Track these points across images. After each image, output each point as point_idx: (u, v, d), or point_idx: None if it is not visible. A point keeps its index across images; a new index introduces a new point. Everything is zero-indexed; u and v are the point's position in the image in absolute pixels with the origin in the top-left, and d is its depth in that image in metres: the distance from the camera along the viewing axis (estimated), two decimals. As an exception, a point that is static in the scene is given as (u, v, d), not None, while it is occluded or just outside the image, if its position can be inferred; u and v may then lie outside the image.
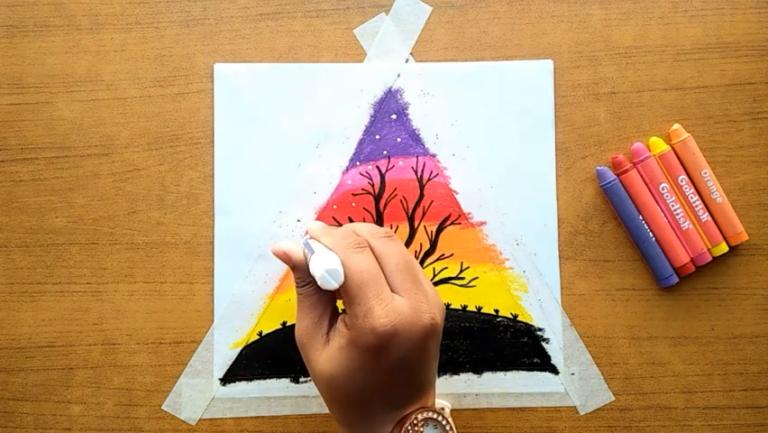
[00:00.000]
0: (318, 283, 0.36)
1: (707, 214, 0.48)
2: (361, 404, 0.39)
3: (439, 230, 0.49)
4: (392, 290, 0.38)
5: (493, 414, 0.48)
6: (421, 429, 0.38)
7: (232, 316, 0.48)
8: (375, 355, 0.37)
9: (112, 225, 0.48)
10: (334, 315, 0.41)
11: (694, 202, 0.48)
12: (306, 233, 0.42)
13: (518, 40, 0.49)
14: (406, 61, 0.49)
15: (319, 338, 0.39)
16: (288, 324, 0.48)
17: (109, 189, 0.49)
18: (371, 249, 0.39)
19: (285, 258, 0.40)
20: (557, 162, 0.49)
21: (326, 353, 0.39)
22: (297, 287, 0.41)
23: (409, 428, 0.38)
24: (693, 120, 0.49)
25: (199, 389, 0.48)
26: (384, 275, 0.38)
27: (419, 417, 0.39)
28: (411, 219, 0.49)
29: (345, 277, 0.37)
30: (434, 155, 0.49)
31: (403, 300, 0.38)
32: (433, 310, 0.38)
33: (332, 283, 0.36)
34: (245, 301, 0.48)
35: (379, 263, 0.38)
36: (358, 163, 0.49)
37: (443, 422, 0.39)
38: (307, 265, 0.39)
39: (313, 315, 0.40)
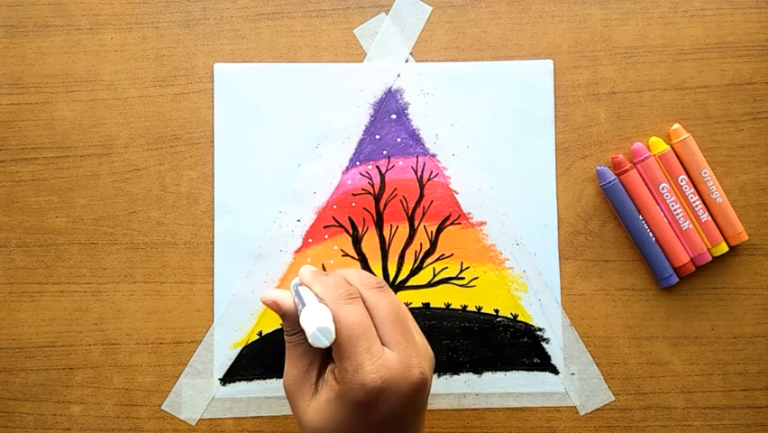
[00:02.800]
0: (309, 341, 0.36)
1: (707, 214, 0.48)
2: None
3: (439, 230, 0.49)
4: (382, 343, 0.38)
5: (493, 414, 0.48)
6: None
7: (232, 316, 0.48)
8: (364, 410, 0.36)
9: (112, 225, 0.48)
10: (323, 364, 0.40)
11: (694, 202, 0.48)
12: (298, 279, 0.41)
13: (518, 40, 0.49)
14: (406, 61, 0.49)
15: (307, 388, 0.39)
16: (287, 324, 0.48)
17: (109, 189, 0.49)
18: (363, 300, 0.38)
19: (274, 307, 0.40)
20: (557, 162, 0.49)
21: (314, 404, 0.38)
22: (286, 335, 0.40)
23: None
24: (693, 120, 0.49)
25: (199, 389, 0.48)
26: (375, 326, 0.38)
27: None
28: (411, 219, 0.49)
29: (336, 330, 0.36)
30: (434, 155, 0.49)
31: (393, 354, 0.37)
32: (422, 364, 0.38)
33: (323, 342, 0.36)
34: (245, 301, 0.48)
35: (369, 314, 0.38)
36: (358, 163, 0.49)
37: None
38: (298, 315, 0.38)
39: (301, 364, 0.39)
